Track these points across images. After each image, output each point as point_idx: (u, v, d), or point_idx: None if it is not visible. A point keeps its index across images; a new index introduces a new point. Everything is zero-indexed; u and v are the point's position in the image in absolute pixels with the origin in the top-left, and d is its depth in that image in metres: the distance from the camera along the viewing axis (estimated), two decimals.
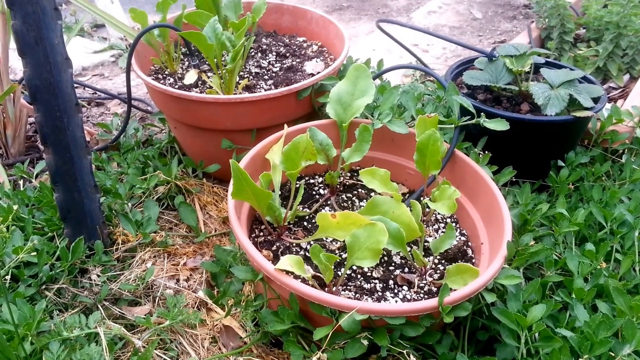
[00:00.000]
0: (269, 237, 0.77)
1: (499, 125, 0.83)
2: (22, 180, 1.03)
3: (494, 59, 1.03)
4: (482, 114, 0.85)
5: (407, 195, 0.90)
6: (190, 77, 1.03)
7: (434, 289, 0.72)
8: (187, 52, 1.16)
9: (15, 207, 0.82)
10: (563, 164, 1.00)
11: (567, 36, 1.54)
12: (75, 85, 1.41)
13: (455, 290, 0.65)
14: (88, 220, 0.80)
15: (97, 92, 1.45)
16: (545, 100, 0.94)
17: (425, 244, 0.78)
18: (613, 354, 0.64)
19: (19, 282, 0.76)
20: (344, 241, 0.67)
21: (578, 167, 1.00)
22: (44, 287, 0.76)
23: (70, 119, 0.75)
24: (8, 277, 0.74)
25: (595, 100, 0.97)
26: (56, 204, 0.78)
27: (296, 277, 0.65)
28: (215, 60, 0.97)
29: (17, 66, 1.52)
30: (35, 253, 0.75)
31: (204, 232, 0.93)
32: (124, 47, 1.75)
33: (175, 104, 0.95)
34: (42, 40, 0.70)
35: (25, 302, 0.68)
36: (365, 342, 0.61)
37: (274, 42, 1.21)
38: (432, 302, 0.61)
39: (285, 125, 0.85)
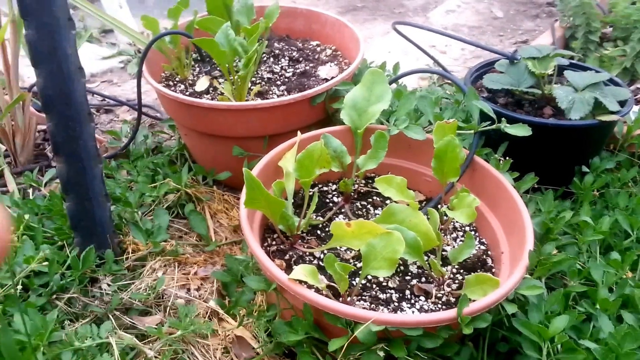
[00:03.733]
0: (281, 246, 0.79)
1: (520, 130, 0.84)
2: (31, 189, 1.07)
3: (515, 61, 1.04)
4: (502, 119, 0.87)
5: (424, 202, 0.91)
6: (202, 83, 1.07)
7: (452, 300, 0.73)
8: (199, 58, 1.19)
9: (26, 216, 0.86)
10: (587, 170, 1.00)
11: (592, 35, 1.54)
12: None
13: (474, 301, 0.66)
14: (99, 229, 0.83)
15: (106, 99, 1.49)
16: (569, 104, 0.95)
17: (443, 253, 0.80)
18: None
19: (29, 292, 0.79)
20: (358, 250, 0.69)
21: (603, 173, 1.00)
22: (54, 296, 0.79)
23: (83, 129, 0.78)
24: (19, 287, 0.77)
25: (622, 103, 0.98)
26: (67, 213, 0.82)
27: (310, 286, 0.67)
28: (228, 66, 1.00)
29: (24, 73, 1.57)
30: (46, 263, 0.78)
31: (215, 241, 0.95)
32: (132, 52, 1.80)
33: (186, 111, 0.98)
34: (56, 50, 0.73)
35: (37, 312, 0.71)
36: (382, 354, 0.62)
37: (287, 47, 1.24)
38: (451, 312, 0.63)
39: (299, 132, 0.87)
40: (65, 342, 0.70)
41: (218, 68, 1.15)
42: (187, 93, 1.08)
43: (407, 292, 0.74)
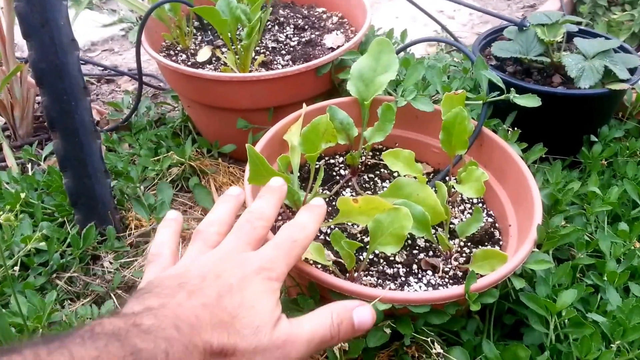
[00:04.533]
0: (287, 222, 0.77)
1: (530, 101, 0.81)
2: (30, 164, 1.05)
3: (524, 28, 1.00)
4: (511, 89, 0.83)
5: (432, 174, 0.89)
6: (204, 53, 1.03)
7: (460, 274, 0.72)
8: (200, 27, 1.15)
9: (22, 194, 0.83)
10: (596, 139, 0.98)
11: (600, 0, 1.49)
12: (83, 62, 1.42)
13: (482, 276, 0.65)
14: (99, 205, 0.81)
15: (107, 69, 1.46)
16: (579, 73, 0.91)
17: (451, 226, 0.78)
18: None
19: (29, 270, 0.77)
20: (366, 225, 0.67)
21: (612, 142, 0.98)
22: (54, 275, 0.77)
23: (78, 103, 0.75)
24: (17, 267, 0.75)
25: (632, 71, 0.94)
26: (65, 189, 0.79)
27: (316, 263, 0.66)
28: (230, 35, 0.96)
29: (23, 43, 1.53)
30: (43, 243, 0.76)
31: None
32: (134, 20, 1.74)
33: (188, 82, 0.95)
34: (47, 22, 0.70)
35: (35, 293, 0.69)
36: (388, 331, 0.61)
37: (292, 14, 1.20)
38: (459, 289, 0.61)
39: (304, 104, 0.84)
40: (65, 323, 0.68)
41: (221, 37, 1.11)
42: (189, 63, 1.05)
43: (415, 266, 0.73)
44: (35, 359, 0.33)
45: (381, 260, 0.73)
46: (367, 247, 0.68)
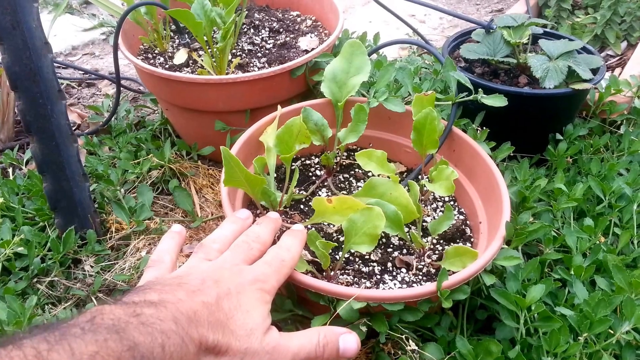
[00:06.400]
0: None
1: (496, 101, 0.80)
2: (11, 168, 1.00)
3: (491, 30, 0.99)
4: (479, 89, 0.82)
5: (405, 173, 0.87)
6: (180, 56, 0.99)
7: (433, 271, 0.70)
8: (177, 30, 1.11)
9: (1, 199, 0.79)
10: (561, 138, 0.97)
11: (564, 3, 1.49)
12: (64, 66, 1.37)
13: (454, 273, 0.63)
14: (79, 209, 0.78)
15: (86, 73, 1.41)
16: (544, 73, 0.90)
17: (424, 224, 0.76)
18: (612, 332, 0.63)
19: (10, 275, 0.74)
20: (341, 224, 0.65)
21: (576, 140, 0.97)
22: (35, 280, 0.74)
23: (54, 106, 0.71)
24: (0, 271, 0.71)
25: (594, 71, 0.94)
26: (45, 193, 0.76)
27: None
28: (206, 38, 0.92)
29: None
30: (21, 248, 0.72)
31: (200, 217, 0.91)
32: (114, 24, 1.69)
33: (165, 85, 0.91)
34: (19, 24, 0.66)
35: (15, 298, 0.66)
36: (364, 329, 0.59)
37: (267, 17, 1.17)
38: (431, 286, 0.60)
39: (279, 106, 0.82)
40: None
41: (197, 40, 1.08)
42: (167, 66, 1.01)
43: (389, 264, 0.71)
44: (35, 356, 0.32)
45: (357, 259, 0.71)
46: (343, 246, 0.66)
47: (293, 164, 0.86)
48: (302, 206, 0.79)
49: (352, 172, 0.86)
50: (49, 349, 0.33)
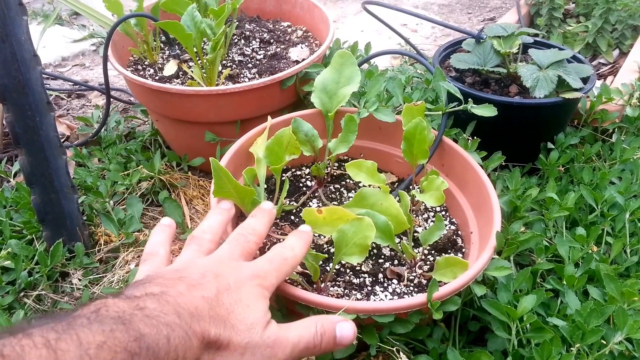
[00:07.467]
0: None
1: (486, 111, 0.81)
2: None
3: (481, 40, 1.00)
4: (469, 99, 0.83)
5: (397, 183, 0.88)
6: (170, 68, 1.00)
7: (424, 282, 0.70)
8: (167, 41, 1.12)
9: None
10: (553, 146, 0.98)
11: (556, 12, 1.50)
12: (54, 77, 1.37)
13: (444, 284, 0.63)
14: (67, 221, 0.78)
15: (76, 85, 1.41)
16: (534, 82, 0.91)
17: (415, 234, 0.76)
18: (605, 342, 0.64)
19: None
20: (331, 235, 0.65)
21: (568, 148, 0.98)
22: (22, 294, 0.73)
23: (43, 118, 0.72)
24: None
25: (585, 80, 0.95)
26: (33, 206, 0.76)
27: None
28: (196, 49, 0.93)
29: None
30: (11, 260, 0.72)
31: (190, 228, 0.91)
32: (105, 34, 1.70)
33: (155, 97, 0.92)
34: (7, 37, 0.66)
35: (2, 312, 0.65)
36: (354, 342, 0.59)
37: (258, 28, 1.18)
38: (421, 298, 0.60)
39: (269, 117, 0.82)
40: None
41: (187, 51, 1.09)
42: (157, 78, 1.02)
43: (380, 275, 0.71)
44: (45, 344, 0.33)
45: (348, 270, 0.71)
46: (334, 257, 0.66)
47: (284, 174, 0.86)
48: (292, 217, 0.79)
49: (343, 183, 0.86)
50: (57, 338, 0.33)
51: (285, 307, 0.64)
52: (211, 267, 0.49)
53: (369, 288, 0.69)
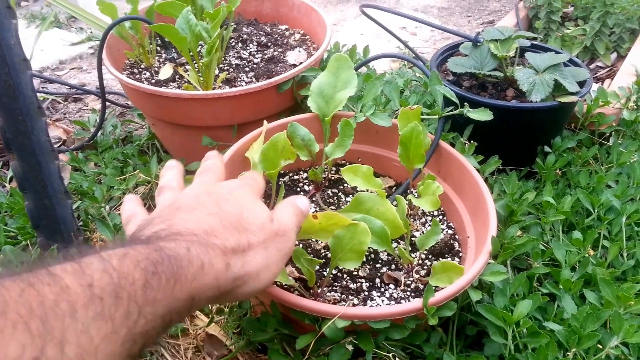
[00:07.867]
0: None
1: (482, 115, 0.81)
2: None
3: (478, 44, 1.00)
4: (465, 104, 0.83)
5: (394, 188, 0.88)
6: (165, 71, 1.00)
7: (421, 287, 0.70)
8: (163, 45, 1.12)
9: None
10: (549, 150, 0.98)
11: (554, 15, 1.51)
12: (50, 81, 1.37)
13: (441, 289, 0.63)
14: (61, 227, 0.78)
15: (73, 88, 1.41)
16: (530, 86, 0.92)
17: (412, 239, 0.77)
18: (601, 346, 0.64)
19: None
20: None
21: (565, 152, 0.98)
22: None
23: (34, 123, 0.72)
24: None
25: (581, 84, 0.95)
26: (27, 211, 0.76)
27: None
28: (191, 53, 0.93)
29: None
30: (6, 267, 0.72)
31: None
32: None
33: (151, 101, 0.92)
34: None
35: None
36: (350, 348, 0.59)
37: (255, 31, 1.18)
38: (417, 303, 0.60)
39: (265, 122, 0.82)
40: None
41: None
42: (153, 81, 1.02)
43: (377, 280, 0.71)
44: (72, 266, 0.33)
45: (344, 275, 0.72)
46: (330, 262, 0.66)
47: (281, 179, 0.86)
48: None
49: (341, 187, 0.86)
50: (80, 255, 0.35)
51: (280, 314, 0.64)
52: (200, 190, 0.50)
53: (366, 293, 0.69)
